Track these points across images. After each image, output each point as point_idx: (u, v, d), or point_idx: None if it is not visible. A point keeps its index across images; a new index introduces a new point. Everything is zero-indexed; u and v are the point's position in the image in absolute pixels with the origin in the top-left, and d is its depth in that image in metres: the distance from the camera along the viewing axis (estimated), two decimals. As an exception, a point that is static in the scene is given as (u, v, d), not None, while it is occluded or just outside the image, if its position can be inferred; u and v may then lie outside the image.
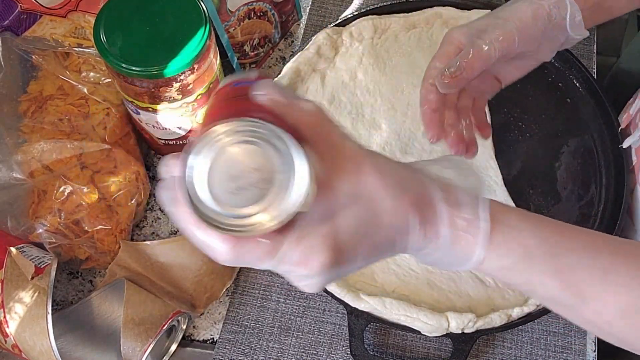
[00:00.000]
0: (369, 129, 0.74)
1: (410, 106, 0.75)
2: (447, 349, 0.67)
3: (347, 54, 0.77)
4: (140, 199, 0.70)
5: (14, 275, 0.60)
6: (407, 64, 0.77)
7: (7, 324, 0.59)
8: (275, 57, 0.83)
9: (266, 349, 0.67)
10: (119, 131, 0.70)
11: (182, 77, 0.62)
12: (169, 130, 0.69)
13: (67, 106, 0.69)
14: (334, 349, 0.67)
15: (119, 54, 0.60)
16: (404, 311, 0.63)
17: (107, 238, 0.68)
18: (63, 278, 0.71)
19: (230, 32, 0.73)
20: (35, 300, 0.59)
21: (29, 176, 0.66)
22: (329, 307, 0.69)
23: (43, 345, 0.58)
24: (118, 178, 0.68)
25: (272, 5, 0.77)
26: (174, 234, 0.73)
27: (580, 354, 0.67)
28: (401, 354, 0.66)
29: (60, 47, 0.71)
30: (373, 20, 0.78)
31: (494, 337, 0.68)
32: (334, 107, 0.75)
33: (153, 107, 0.64)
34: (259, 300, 0.69)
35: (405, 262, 0.67)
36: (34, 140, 0.67)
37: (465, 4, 0.79)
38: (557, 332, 0.67)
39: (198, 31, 0.61)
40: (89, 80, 0.70)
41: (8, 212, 0.66)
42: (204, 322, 0.69)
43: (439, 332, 0.62)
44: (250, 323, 0.68)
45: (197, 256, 0.66)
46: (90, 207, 0.67)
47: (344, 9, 0.85)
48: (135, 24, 0.62)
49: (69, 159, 0.67)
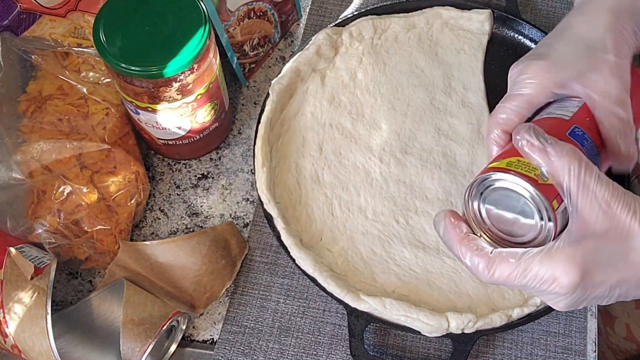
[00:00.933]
0: (369, 129, 0.74)
1: (410, 106, 0.75)
2: (447, 349, 0.67)
3: (347, 54, 0.77)
4: (140, 199, 0.70)
5: (13, 276, 0.60)
6: (407, 64, 0.77)
7: (6, 324, 0.59)
8: (275, 57, 0.83)
9: (266, 350, 0.67)
10: (118, 131, 0.70)
11: (181, 77, 0.62)
12: (168, 130, 0.69)
13: (66, 106, 0.69)
14: (334, 350, 0.67)
15: (119, 54, 0.60)
16: (404, 311, 0.62)
17: (106, 238, 0.68)
18: (62, 278, 0.71)
19: (230, 32, 0.73)
20: (34, 300, 0.59)
21: (29, 176, 0.66)
22: (329, 308, 0.69)
23: (42, 346, 0.58)
24: (117, 178, 0.68)
25: (272, 5, 0.77)
26: (174, 234, 0.73)
27: (581, 354, 0.66)
28: (401, 354, 0.66)
29: (60, 47, 0.71)
30: (373, 20, 0.78)
31: (494, 338, 0.67)
32: (334, 107, 0.74)
33: (152, 107, 0.64)
34: (259, 301, 0.69)
35: (405, 262, 0.67)
36: (33, 140, 0.67)
37: (465, 4, 0.79)
38: (557, 333, 0.67)
39: (198, 31, 0.61)
40: (88, 80, 0.70)
41: (7, 212, 0.66)
42: (204, 322, 0.69)
43: (439, 332, 0.62)
44: (250, 323, 0.68)
45: (196, 256, 0.66)
46: (90, 207, 0.67)
47: (343, 9, 0.85)
48: (135, 24, 0.62)
49: (69, 159, 0.67)
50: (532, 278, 0.46)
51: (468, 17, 0.78)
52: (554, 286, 0.45)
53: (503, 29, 0.80)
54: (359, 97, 0.75)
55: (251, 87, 0.81)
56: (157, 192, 0.75)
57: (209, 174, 0.76)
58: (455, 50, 0.78)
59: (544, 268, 0.46)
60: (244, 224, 0.73)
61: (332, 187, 0.71)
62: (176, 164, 0.77)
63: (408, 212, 0.69)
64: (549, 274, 0.45)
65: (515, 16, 0.79)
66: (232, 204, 0.74)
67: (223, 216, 0.74)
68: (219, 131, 0.74)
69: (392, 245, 0.68)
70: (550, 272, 0.45)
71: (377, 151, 0.72)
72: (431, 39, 0.79)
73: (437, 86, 0.76)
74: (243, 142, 0.78)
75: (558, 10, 0.85)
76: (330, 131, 0.73)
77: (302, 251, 0.65)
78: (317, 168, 0.71)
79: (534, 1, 0.86)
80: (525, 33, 0.79)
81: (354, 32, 0.77)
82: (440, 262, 0.67)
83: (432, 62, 0.77)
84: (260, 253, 0.71)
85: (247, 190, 0.75)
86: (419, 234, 0.68)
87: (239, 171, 0.76)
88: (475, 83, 0.76)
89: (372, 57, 0.77)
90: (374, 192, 0.70)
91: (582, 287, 0.45)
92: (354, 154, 0.72)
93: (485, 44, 0.78)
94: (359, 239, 0.68)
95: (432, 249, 0.68)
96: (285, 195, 0.70)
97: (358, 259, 0.67)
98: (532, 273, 0.46)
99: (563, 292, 0.45)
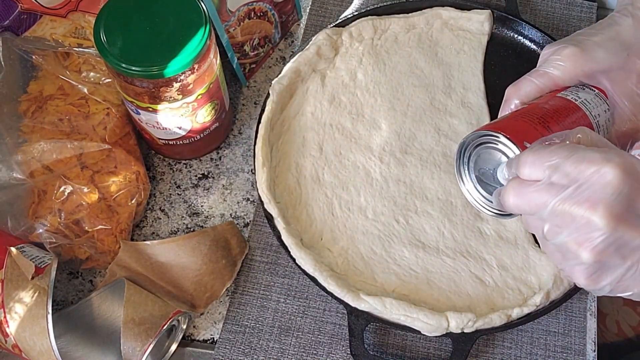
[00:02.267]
0: (369, 129, 0.74)
1: (410, 106, 0.75)
2: (447, 348, 0.67)
3: (347, 54, 0.77)
4: (141, 199, 0.70)
5: (14, 275, 0.60)
6: (407, 65, 0.77)
7: (7, 323, 0.59)
8: (275, 57, 0.83)
9: (266, 349, 0.67)
10: (119, 131, 0.70)
11: (182, 77, 0.62)
12: (169, 130, 0.69)
13: (67, 106, 0.69)
14: (334, 349, 0.67)
15: (119, 54, 0.60)
16: (404, 311, 0.63)
17: (107, 238, 0.68)
18: (63, 278, 0.71)
19: (230, 32, 0.73)
20: (35, 300, 0.59)
21: (29, 176, 0.66)
22: (329, 307, 0.69)
23: (43, 345, 0.58)
24: (118, 178, 0.69)
25: (272, 5, 0.77)
26: (174, 234, 0.73)
27: (580, 354, 0.67)
28: (401, 354, 0.66)
29: (61, 47, 0.71)
30: (373, 20, 0.78)
31: (493, 337, 0.68)
32: (334, 107, 0.75)
33: (153, 107, 0.64)
34: (259, 300, 0.69)
35: (405, 261, 0.67)
36: (34, 140, 0.67)
37: (465, 5, 0.79)
38: (557, 332, 0.68)
39: (198, 31, 0.61)
40: (89, 80, 0.70)
41: (8, 212, 0.66)
42: (204, 322, 0.69)
43: (439, 331, 0.63)
44: (250, 323, 0.68)
45: (197, 256, 0.66)
46: (91, 207, 0.67)
47: (344, 9, 0.85)
48: (135, 24, 0.62)
49: (69, 159, 0.67)
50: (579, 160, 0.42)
51: (468, 17, 0.78)
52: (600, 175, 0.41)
53: (503, 29, 0.80)
54: (359, 97, 0.75)
55: (251, 87, 0.81)
56: (157, 192, 0.75)
57: (209, 173, 0.76)
58: (455, 51, 0.78)
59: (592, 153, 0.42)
60: (245, 223, 0.73)
61: (332, 187, 0.71)
62: (177, 164, 0.77)
63: (408, 212, 0.70)
64: (600, 157, 0.42)
65: (514, 16, 0.79)
66: (232, 203, 0.74)
67: (223, 216, 0.74)
68: (220, 131, 0.74)
69: (392, 245, 0.68)
70: (600, 156, 0.42)
71: (377, 151, 0.73)
72: (431, 40, 0.79)
73: (437, 86, 0.76)
74: (243, 142, 0.78)
75: (557, 11, 0.85)
76: (331, 131, 0.73)
77: (302, 251, 0.65)
78: (317, 168, 0.72)
79: (533, 1, 0.86)
80: (525, 33, 0.79)
81: (354, 33, 0.77)
82: (440, 261, 0.67)
83: (432, 62, 0.78)
84: (261, 253, 0.71)
85: (248, 190, 0.75)
86: (419, 234, 0.69)
87: (240, 171, 0.76)
88: (475, 83, 0.76)
89: (372, 57, 0.77)
90: (374, 192, 0.70)
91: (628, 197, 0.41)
92: (354, 154, 0.72)
93: (485, 44, 0.79)
94: (359, 238, 0.68)
95: (432, 249, 0.68)
96: (285, 195, 0.70)
97: (358, 259, 0.67)
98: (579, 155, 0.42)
99: (611, 192, 0.41)
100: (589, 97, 0.55)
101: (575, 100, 0.54)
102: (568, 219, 0.43)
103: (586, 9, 0.85)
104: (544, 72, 0.57)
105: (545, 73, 0.56)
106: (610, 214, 0.41)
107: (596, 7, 0.85)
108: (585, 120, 0.54)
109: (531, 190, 0.44)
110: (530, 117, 0.52)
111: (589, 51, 0.55)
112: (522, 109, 0.56)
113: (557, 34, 0.83)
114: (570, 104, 0.54)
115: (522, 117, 0.53)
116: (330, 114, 0.74)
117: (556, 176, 0.43)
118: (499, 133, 0.50)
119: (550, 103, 0.54)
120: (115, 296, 0.66)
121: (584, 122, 0.53)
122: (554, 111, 0.53)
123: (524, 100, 0.57)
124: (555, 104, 0.54)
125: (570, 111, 0.53)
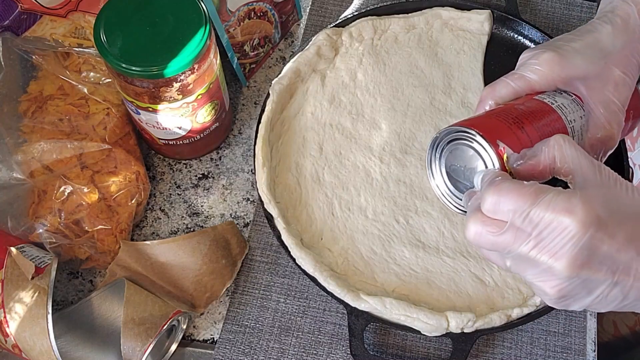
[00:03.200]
0: (369, 129, 0.74)
1: (410, 106, 0.75)
2: (447, 348, 0.67)
3: (347, 54, 0.77)
4: (141, 199, 0.70)
5: (14, 275, 0.61)
6: (407, 65, 0.77)
7: (7, 323, 0.59)
8: (275, 57, 0.83)
9: (266, 349, 0.67)
10: (119, 131, 0.70)
11: (182, 77, 0.62)
12: (169, 130, 0.69)
13: (67, 106, 0.69)
14: (334, 349, 0.67)
15: (119, 54, 0.60)
16: (404, 311, 0.63)
17: (107, 238, 0.68)
18: (63, 278, 0.71)
19: (231, 32, 0.73)
20: (35, 300, 0.59)
21: (29, 176, 0.66)
22: (329, 307, 0.69)
23: (43, 345, 0.58)
24: (118, 178, 0.69)
25: (272, 5, 0.77)
26: (174, 233, 0.73)
27: (580, 353, 0.67)
28: (401, 354, 0.66)
29: (61, 47, 0.71)
30: (373, 20, 0.78)
31: (493, 337, 0.68)
32: (334, 107, 0.75)
33: (153, 107, 0.64)
34: (259, 300, 0.69)
35: (405, 261, 0.67)
36: (34, 140, 0.67)
37: (465, 5, 0.79)
38: (557, 332, 0.68)
39: (198, 31, 0.61)
40: (89, 80, 0.70)
41: (8, 212, 0.66)
42: (204, 322, 0.69)
43: (439, 331, 0.63)
44: (250, 323, 0.68)
45: (197, 256, 0.66)
46: (91, 207, 0.67)
47: (344, 9, 0.85)
48: (135, 24, 0.62)
49: (69, 159, 0.67)
50: (544, 208, 0.43)
51: (468, 17, 0.78)
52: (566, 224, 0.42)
53: (503, 29, 0.80)
54: (359, 97, 0.75)
55: (251, 87, 0.81)
56: (157, 192, 0.75)
57: (209, 173, 0.76)
58: (455, 51, 0.78)
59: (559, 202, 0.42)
60: (245, 223, 0.73)
61: (332, 187, 0.71)
62: (177, 164, 0.77)
63: (408, 212, 0.70)
64: (563, 207, 0.42)
65: (514, 16, 0.79)
66: (232, 203, 0.74)
67: (223, 216, 0.74)
68: (220, 131, 0.74)
69: (392, 244, 0.68)
70: (564, 206, 0.42)
71: (377, 151, 0.73)
72: (431, 40, 0.79)
73: (437, 86, 0.76)
74: (243, 142, 0.78)
75: (557, 11, 0.85)
76: (331, 131, 0.73)
77: (302, 251, 0.65)
78: (317, 168, 0.72)
79: (533, 1, 0.86)
80: (525, 33, 0.79)
81: (354, 33, 0.77)
82: (440, 261, 0.67)
83: (432, 62, 0.78)
84: (261, 253, 0.71)
85: (248, 190, 0.75)
86: (419, 234, 0.69)
87: (240, 171, 0.76)
88: (475, 83, 0.76)
89: (372, 57, 0.77)
90: (374, 192, 0.71)
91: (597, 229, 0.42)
92: (354, 154, 0.72)
93: (485, 45, 0.79)
94: (359, 238, 0.68)
95: (432, 249, 0.68)
96: (285, 195, 0.70)
97: (358, 259, 0.67)
98: (545, 201, 0.43)
99: (573, 234, 0.42)
100: (566, 102, 0.55)
101: (551, 104, 0.54)
102: (532, 263, 0.44)
103: (586, 9, 0.85)
104: (520, 75, 0.56)
105: (522, 76, 0.56)
106: (573, 264, 0.42)
107: (596, 7, 0.85)
108: (559, 123, 0.53)
109: (495, 233, 0.45)
110: (506, 117, 0.52)
111: (567, 57, 0.55)
112: (498, 108, 0.55)
113: (557, 34, 0.82)
114: (546, 107, 0.54)
115: (497, 116, 0.53)
116: (330, 114, 0.74)
117: (520, 222, 0.44)
118: (473, 130, 0.50)
119: (526, 104, 0.54)
120: (115, 296, 0.66)
121: (558, 124, 0.53)
122: (530, 112, 0.53)
123: (499, 102, 0.57)
124: (532, 105, 0.54)
125: (545, 113, 0.53)
